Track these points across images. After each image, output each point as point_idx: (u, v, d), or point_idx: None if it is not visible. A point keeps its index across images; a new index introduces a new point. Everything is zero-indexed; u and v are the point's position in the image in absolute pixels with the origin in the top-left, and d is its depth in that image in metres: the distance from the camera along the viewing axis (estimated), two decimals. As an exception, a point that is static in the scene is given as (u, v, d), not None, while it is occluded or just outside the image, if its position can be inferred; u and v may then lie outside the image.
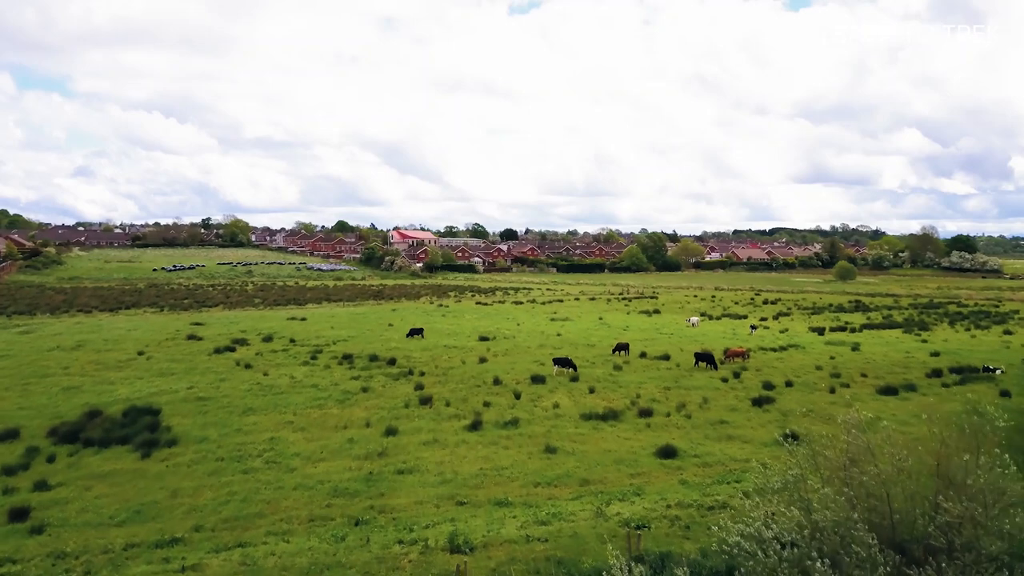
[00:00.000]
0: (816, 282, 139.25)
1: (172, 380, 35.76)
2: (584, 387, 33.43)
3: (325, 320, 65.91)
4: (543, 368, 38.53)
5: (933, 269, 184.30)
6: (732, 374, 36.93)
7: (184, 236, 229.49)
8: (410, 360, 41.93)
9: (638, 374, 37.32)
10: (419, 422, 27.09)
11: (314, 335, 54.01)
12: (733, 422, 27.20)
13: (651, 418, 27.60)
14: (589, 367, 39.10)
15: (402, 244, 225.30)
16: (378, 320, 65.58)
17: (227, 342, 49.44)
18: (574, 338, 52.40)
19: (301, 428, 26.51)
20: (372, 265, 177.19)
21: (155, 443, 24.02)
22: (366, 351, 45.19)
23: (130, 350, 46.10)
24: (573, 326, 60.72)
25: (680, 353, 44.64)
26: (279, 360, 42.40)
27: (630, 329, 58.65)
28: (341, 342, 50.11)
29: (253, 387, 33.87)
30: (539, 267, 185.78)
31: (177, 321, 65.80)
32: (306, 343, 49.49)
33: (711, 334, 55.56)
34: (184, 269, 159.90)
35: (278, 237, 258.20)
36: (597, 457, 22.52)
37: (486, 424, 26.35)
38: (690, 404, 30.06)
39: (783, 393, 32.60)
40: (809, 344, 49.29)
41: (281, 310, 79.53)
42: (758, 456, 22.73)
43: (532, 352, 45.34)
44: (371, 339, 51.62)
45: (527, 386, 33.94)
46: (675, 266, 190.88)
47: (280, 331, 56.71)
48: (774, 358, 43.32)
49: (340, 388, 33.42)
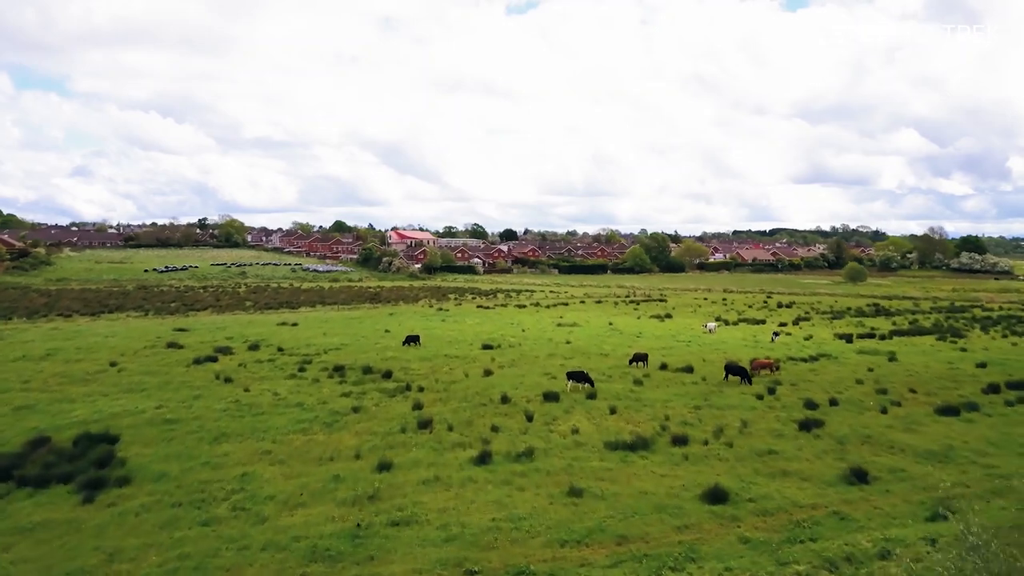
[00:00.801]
0: (826, 283, 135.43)
1: (140, 398, 31.87)
2: (604, 406, 29.61)
3: (317, 326, 62.04)
4: (555, 383, 34.71)
5: (942, 270, 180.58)
6: (767, 390, 33.13)
7: (178, 236, 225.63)
8: (408, 372, 38.09)
9: (662, 390, 33.49)
10: (417, 452, 23.25)
11: (304, 343, 50.16)
12: (783, 452, 23.38)
13: (687, 447, 23.78)
14: (606, 381, 35.28)
15: (400, 245, 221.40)
16: (374, 326, 61.73)
17: (209, 351, 45.58)
18: (585, 346, 48.57)
19: (280, 460, 22.65)
20: (369, 266, 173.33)
21: (102, 483, 20.15)
22: (359, 362, 41.34)
23: (102, 360, 42.21)
24: (582, 332, 56.89)
25: (703, 364, 40.83)
26: (264, 372, 38.55)
27: (643, 336, 54.84)
28: (333, 351, 46.25)
29: (230, 406, 30.00)
30: (540, 268, 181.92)
31: (160, 326, 61.91)
32: (295, 352, 45.64)
33: (731, 341, 51.75)
34: (176, 270, 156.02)
35: (274, 237, 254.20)
36: (632, 502, 18.70)
37: (496, 456, 22.51)
38: (728, 428, 26.24)
39: (829, 413, 28.80)
40: (840, 353, 45.50)
41: (272, 314, 75.61)
42: (824, 499, 18.99)
43: (541, 363, 41.52)
44: (365, 347, 47.76)
45: (539, 405, 30.13)
46: (679, 267, 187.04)
47: (268, 338, 52.85)
48: (806, 370, 39.52)
49: (328, 408, 29.55)
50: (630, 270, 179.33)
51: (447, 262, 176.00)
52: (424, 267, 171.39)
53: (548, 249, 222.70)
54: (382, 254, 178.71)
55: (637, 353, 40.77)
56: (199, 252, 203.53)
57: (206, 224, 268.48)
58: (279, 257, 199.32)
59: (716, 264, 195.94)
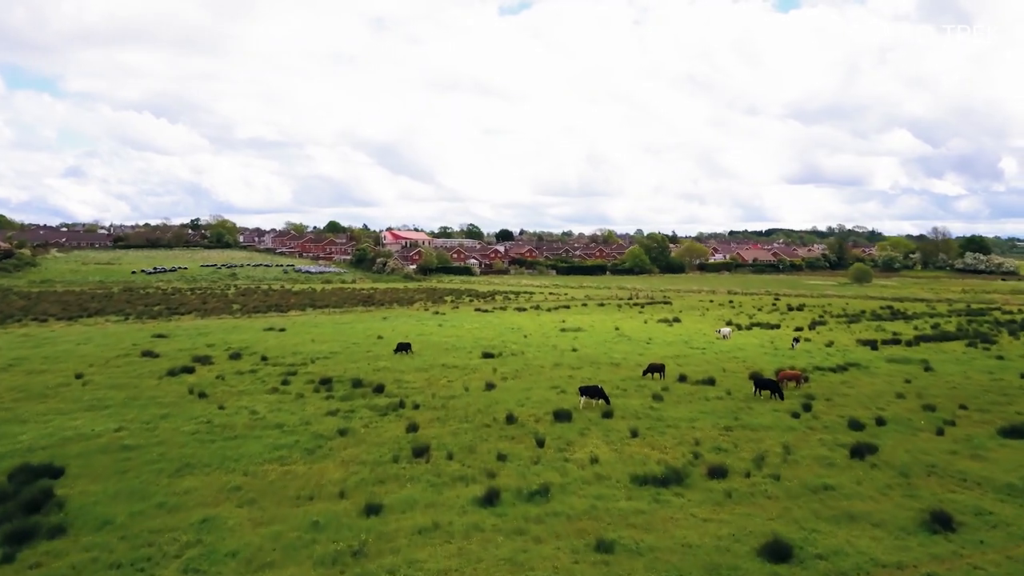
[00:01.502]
0: (831, 284, 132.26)
1: (101, 417, 28.32)
2: (623, 427, 26.22)
3: (306, 331, 58.47)
4: (565, 398, 31.29)
5: (946, 271, 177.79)
6: (801, 406, 29.77)
7: (169, 237, 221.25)
8: (401, 386, 34.63)
9: (685, 406, 30.10)
10: (412, 488, 19.80)
11: (291, 350, 46.64)
12: (840, 487, 19.99)
13: (727, 481, 20.38)
14: (621, 396, 31.88)
15: (395, 245, 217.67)
16: (366, 331, 58.19)
17: (186, 360, 42.08)
18: (592, 354, 45.15)
19: (250, 499, 19.17)
20: (363, 267, 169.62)
21: (32, 533, 16.65)
22: (349, 373, 37.87)
23: (68, 371, 38.64)
24: (588, 338, 53.46)
25: (724, 375, 37.46)
26: (243, 386, 35.04)
27: (654, 342, 51.44)
28: (321, 360, 42.76)
29: (200, 428, 26.50)
30: (538, 269, 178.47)
31: (139, 332, 58.26)
32: (280, 361, 42.14)
33: (748, 348, 48.39)
34: (165, 271, 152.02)
35: (267, 238, 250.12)
36: (676, 559, 15.30)
37: (505, 493, 19.09)
38: (770, 455, 22.86)
39: (879, 436, 25.45)
40: (869, 362, 42.19)
41: (260, 318, 71.98)
42: (910, 555, 15.61)
43: (546, 374, 38.10)
44: (356, 356, 44.26)
45: (549, 425, 26.73)
46: (679, 268, 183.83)
47: (253, 345, 49.32)
48: (838, 382, 36.20)
49: (311, 430, 26.07)
50: (629, 271, 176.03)
51: (443, 263, 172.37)
52: (419, 268, 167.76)
53: (545, 249, 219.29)
54: (376, 255, 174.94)
55: (652, 364, 37.38)
56: (189, 253, 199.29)
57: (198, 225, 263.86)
58: (271, 258, 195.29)
59: (716, 265, 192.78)
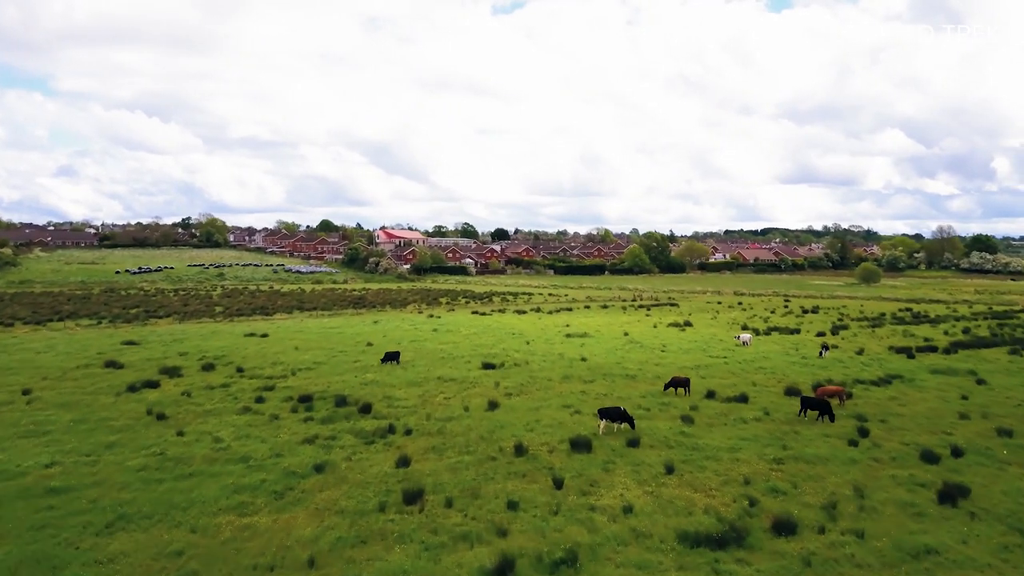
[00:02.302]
0: (838, 285, 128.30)
1: (34, 447, 23.90)
2: (655, 460, 22.00)
3: (290, 337, 54.04)
4: (581, 421, 27.06)
5: (952, 271, 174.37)
6: (856, 431, 25.62)
7: (157, 236, 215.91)
8: (392, 404, 30.34)
9: (720, 431, 25.88)
10: (401, 553, 15.53)
11: (271, 360, 42.27)
12: (945, 549, 15.80)
13: (798, 539, 16.18)
14: (645, 417, 27.66)
15: (389, 244, 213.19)
16: (355, 337, 53.79)
17: (153, 372, 37.74)
18: (604, 363, 40.90)
19: (191, 572, 14.84)
20: (356, 267, 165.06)
21: None
22: (333, 388, 33.57)
23: (15, 386, 34.17)
24: (596, 345, 49.20)
25: (755, 390, 33.27)
26: (212, 404, 30.68)
27: (668, 350, 47.21)
28: (303, 372, 38.43)
29: (150, 462, 22.14)
30: (535, 269, 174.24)
31: (109, 338, 53.71)
32: (257, 373, 37.79)
33: (773, 357, 44.22)
34: (150, 271, 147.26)
35: (257, 237, 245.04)
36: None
37: (520, 561, 14.87)
38: (841, 501, 18.67)
39: (961, 471, 21.29)
40: (911, 374, 38.07)
41: (242, 322, 67.49)
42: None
43: (556, 389, 33.85)
44: (342, 367, 39.90)
45: (566, 457, 22.51)
46: (679, 267, 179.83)
47: (230, 354, 44.93)
48: (885, 398, 32.06)
49: (283, 465, 21.73)
50: (628, 271, 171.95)
51: (437, 262, 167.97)
52: (413, 268, 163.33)
53: (542, 249, 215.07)
54: (369, 254, 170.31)
55: (675, 377, 33.14)
56: (177, 252, 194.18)
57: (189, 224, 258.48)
58: (261, 257, 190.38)
59: (717, 264, 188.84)
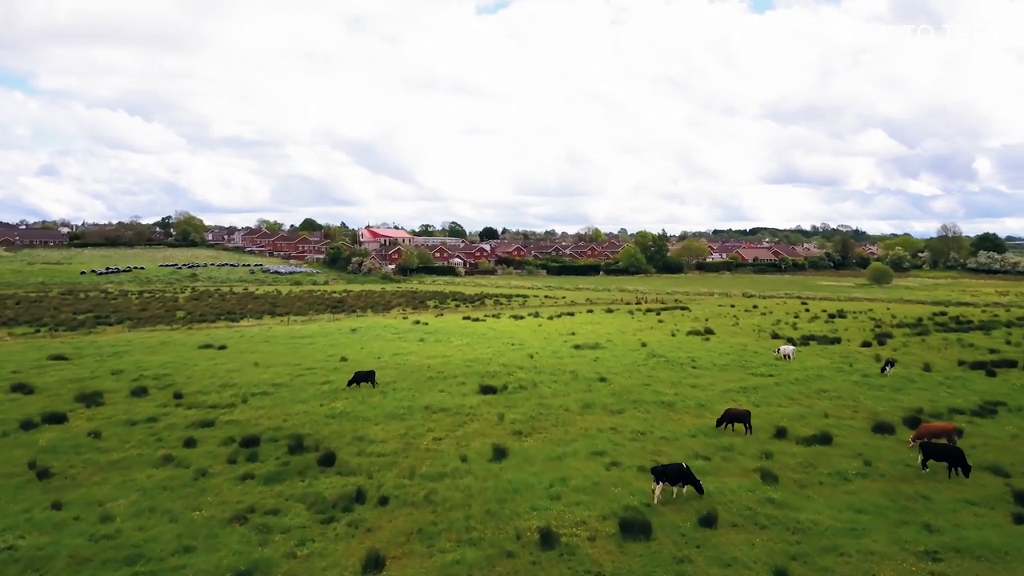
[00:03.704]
0: (849, 286, 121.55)
1: None
2: (749, 553, 14.62)
3: (252, 349, 46.17)
4: (622, 479, 19.59)
5: (958, 271, 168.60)
6: (1012, 495, 18.33)
7: (131, 235, 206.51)
8: (363, 451, 22.79)
9: (822, 497, 18.48)
10: None
11: (221, 381, 34.51)
12: None
13: None
14: (707, 470, 20.25)
15: (373, 243, 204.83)
16: (327, 349, 45.99)
17: (67, 400, 30.11)
18: (629, 385, 33.38)
19: None
20: (338, 267, 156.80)
21: None
22: (289, 424, 25.93)
23: None
24: (613, 359, 41.68)
25: (832, 424, 25.91)
26: (123, 451, 23.00)
27: (700, 365, 39.79)
28: (257, 398, 30.72)
29: (-17, 567, 14.42)
30: (527, 269, 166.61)
31: (38, 351, 45.60)
32: (198, 401, 30.07)
33: (828, 376, 36.88)
34: (118, 272, 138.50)
35: (237, 236, 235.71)
36: None
37: None
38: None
39: None
40: (1010, 398, 30.91)
41: (203, 330, 59.46)
42: None
43: (577, 423, 26.37)
44: (306, 392, 32.16)
45: (616, 548, 15.18)
46: (677, 267, 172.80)
47: (174, 372, 37.17)
48: (1006, 436, 24.97)
49: (194, 569, 14.05)
50: (624, 271, 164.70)
51: (424, 262, 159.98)
52: (399, 268, 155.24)
53: (533, 248, 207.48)
54: (352, 253, 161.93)
55: (730, 410, 25.76)
56: (151, 252, 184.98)
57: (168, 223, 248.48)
58: (239, 257, 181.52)
59: (716, 264, 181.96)
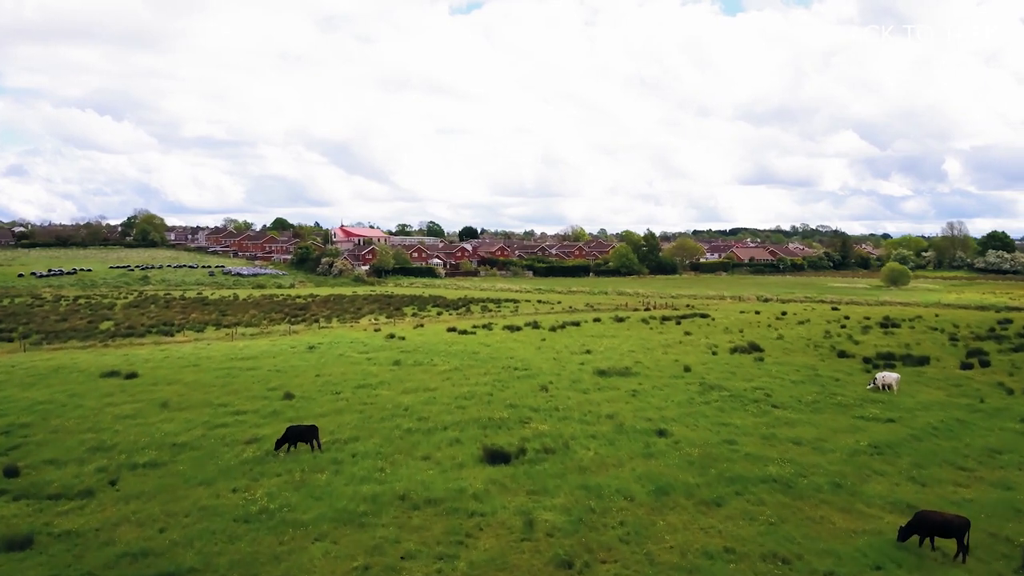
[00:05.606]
0: (865, 288, 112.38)
1: None
2: None
3: (170, 379, 34.47)
4: None
5: (965, 271, 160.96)
6: None
7: (84, 234, 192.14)
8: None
9: None
10: None
11: (92, 443, 23.03)
12: None
13: None
14: None
15: (347, 243, 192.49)
16: (270, 379, 34.41)
17: None
18: (704, 445, 22.46)
19: None
20: (306, 268, 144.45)
21: None
22: (161, 545, 14.56)
23: None
24: (657, 393, 30.67)
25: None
26: None
27: (780, 404, 28.95)
28: (134, 476, 19.38)
29: None
30: (512, 270, 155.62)
31: None
32: (34, 486, 18.67)
33: (974, 422, 26.23)
34: (61, 274, 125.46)
35: (200, 236, 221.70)
36: None
37: None
38: None
39: None
40: None
41: (122, 348, 47.54)
42: None
43: (656, 533, 15.42)
44: (214, 465, 20.73)
45: None
46: (671, 268, 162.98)
47: (35, 422, 25.70)
48: None
49: None
50: (616, 271, 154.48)
51: (401, 263, 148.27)
52: (373, 269, 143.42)
53: (517, 248, 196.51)
54: (322, 254, 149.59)
55: (927, 516, 14.94)
56: (105, 253, 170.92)
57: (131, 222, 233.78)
58: (200, 258, 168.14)
59: (711, 264, 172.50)
